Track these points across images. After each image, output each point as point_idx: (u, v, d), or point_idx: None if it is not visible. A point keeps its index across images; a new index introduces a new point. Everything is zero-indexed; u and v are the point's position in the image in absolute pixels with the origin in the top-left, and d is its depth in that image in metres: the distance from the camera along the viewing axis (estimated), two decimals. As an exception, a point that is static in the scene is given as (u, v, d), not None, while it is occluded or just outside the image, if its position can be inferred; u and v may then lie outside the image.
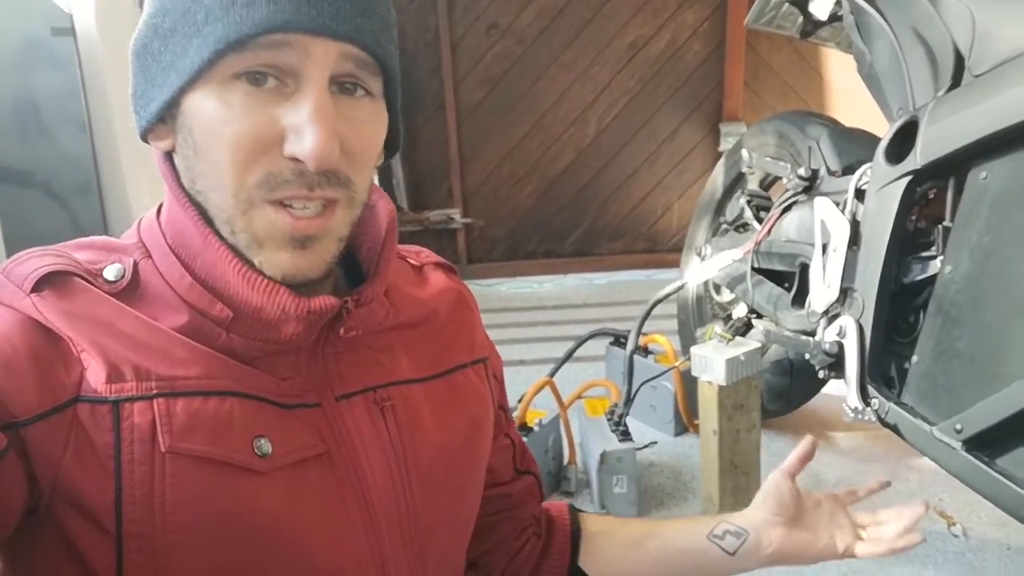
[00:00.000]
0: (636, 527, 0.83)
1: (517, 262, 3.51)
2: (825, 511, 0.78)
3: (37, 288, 0.51)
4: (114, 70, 1.85)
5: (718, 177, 2.17)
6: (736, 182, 2.10)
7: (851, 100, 3.17)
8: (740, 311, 1.91)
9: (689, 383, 1.91)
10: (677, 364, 1.89)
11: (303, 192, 0.52)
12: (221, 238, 0.54)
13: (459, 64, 3.28)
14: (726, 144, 3.31)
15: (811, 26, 1.81)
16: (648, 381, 1.89)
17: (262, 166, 0.51)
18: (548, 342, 2.62)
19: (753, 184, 1.99)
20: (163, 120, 0.55)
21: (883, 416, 1.21)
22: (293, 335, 0.55)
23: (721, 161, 2.18)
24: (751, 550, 0.75)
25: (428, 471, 0.62)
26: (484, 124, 3.36)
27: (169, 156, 0.57)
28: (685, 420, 1.97)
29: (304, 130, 0.50)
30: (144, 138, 0.58)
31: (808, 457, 0.81)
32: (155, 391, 0.51)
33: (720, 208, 2.15)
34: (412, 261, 0.72)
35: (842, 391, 1.31)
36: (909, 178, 1.19)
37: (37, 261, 0.52)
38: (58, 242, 0.56)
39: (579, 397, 1.95)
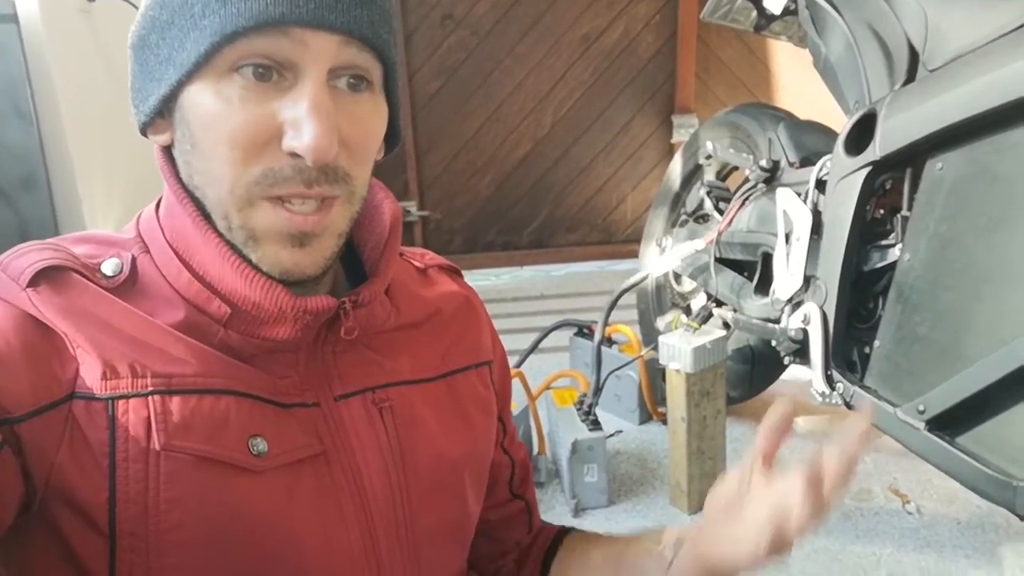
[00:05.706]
0: (596, 558, 0.71)
1: (475, 254, 3.50)
2: (748, 510, 0.56)
3: (33, 283, 0.50)
4: (60, 59, 1.77)
5: (676, 168, 2.19)
6: (694, 173, 2.12)
7: (798, 94, 3.25)
8: (700, 300, 1.95)
9: (653, 372, 1.94)
10: (642, 354, 1.92)
11: (301, 189, 0.51)
12: (219, 234, 0.53)
13: (414, 55, 3.25)
14: (679, 136, 3.36)
15: (764, 20, 1.85)
16: (615, 371, 1.91)
17: (261, 162, 0.51)
18: (509, 334, 2.62)
19: (710, 175, 2.03)
20: (161, 114, 0.55)
21: (848, 399, 1.25)
22: (290, 334, 0.55)
23: (679, 153, 2.21)
24: None
25: (426, 473, 0.61)
26: (440, 115, 3.33)
27: (168, 150, 0.56)
28: (650, 408, 2.00)
29: (302, 124, 0.49)
30: (144, 132, 0.57)
31: (778, 435, 0.57)
32: (150, 388, 0.50)
33: (678, 199, 2.18)
34: (416, 263, 0.71)
35: (800, 377, 1.34)
36: (868, 169, 1.23)
37: (35, 255, 0.51)
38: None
39: (548, 388, 1.96)
